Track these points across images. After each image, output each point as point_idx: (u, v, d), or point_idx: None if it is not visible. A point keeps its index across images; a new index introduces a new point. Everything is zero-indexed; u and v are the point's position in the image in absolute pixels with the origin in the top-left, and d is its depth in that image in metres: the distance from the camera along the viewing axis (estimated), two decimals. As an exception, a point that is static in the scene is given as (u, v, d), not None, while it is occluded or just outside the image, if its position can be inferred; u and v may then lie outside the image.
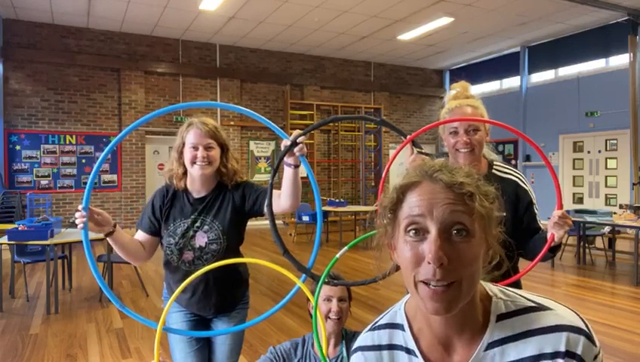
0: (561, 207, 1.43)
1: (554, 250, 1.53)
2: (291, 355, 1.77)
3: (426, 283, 0.69)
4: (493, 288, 0.79)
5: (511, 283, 1.63)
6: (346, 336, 1.80)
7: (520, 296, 0.77)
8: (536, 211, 1.74)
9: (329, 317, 1.74)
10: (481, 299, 0.76)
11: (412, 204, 0.72)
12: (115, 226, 1.68)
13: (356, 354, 0.85)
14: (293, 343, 1.82)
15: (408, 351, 0.80)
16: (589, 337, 0.70)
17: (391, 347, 0.82)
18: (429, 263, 0.68)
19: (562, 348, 0.70)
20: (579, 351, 0.69)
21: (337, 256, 1.38)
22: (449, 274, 0.68)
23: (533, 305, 0.74)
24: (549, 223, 1.47)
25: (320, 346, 1.47)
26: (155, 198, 1.90)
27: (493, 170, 1.75)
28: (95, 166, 1.51)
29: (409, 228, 0.71)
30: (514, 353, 0.72)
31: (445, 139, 1.71)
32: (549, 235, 1.48)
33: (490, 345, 0.73)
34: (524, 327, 0.72)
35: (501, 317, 0.74)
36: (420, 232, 0.70)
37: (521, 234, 1.67)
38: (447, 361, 0.77)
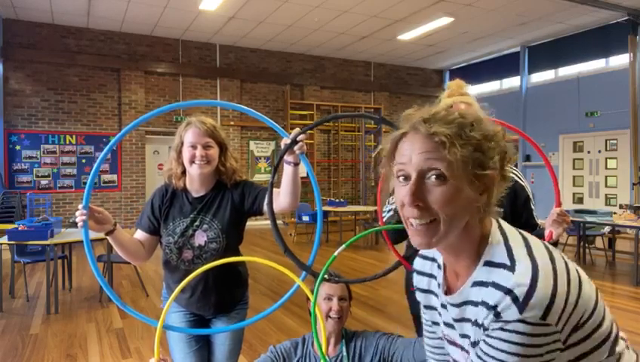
0: (559, 204, 1.44)
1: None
2: (291, 354, 1.77)
3: (410, 223, 0.80)
4: (496, 234, 0.85)
5: None
6: (346, 336, 1.80)
7: (515, 247, 0.82)
8: (532, 207, 1.76)
9: (329, 316, 1.74)
10: (482, 237, 0.84)
11: (400, 152, 0.83)
12: (115, 225, 1.68)
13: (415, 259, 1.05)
14: (293, 342, 1.81)
15: (438, 266, 0.98)
16: (515, 300, 0.75)
17: (434, 259, 1.00)
18: (408, 205, 0.79)
19: (492, 302, 0.78)
20: (499, 308, 0.76)
21: (336, 253, 1.39)
22: (425, 213, 0.78)
23: (507, 263, 0.79)
24: (548, 221, 1.48)
25: (319, 343, 1.47)
26: (155, 198, 1.90)
27: None
28: (95, 165, 1.51)
29: (398, 174, 0.82)
30: (479, 294, 0.81)
31: None
32: (547, 233, 1.49)
33: (475, 284, 0.83)
34: (489, 278, 0.80)
35: (487, 263, 0.82)
36: (407, 178, 0.80)
37: (518, 226, 1.68)
38: (455, 283, 0.90)
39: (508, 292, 0.75)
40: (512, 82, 11.85)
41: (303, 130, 1.52)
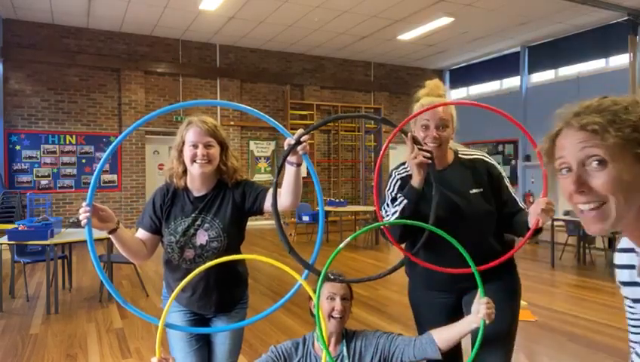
0: (546, 195, 1.55)
1: (538, 232, 1.65)
2: (292, 354, 1.77)
3: (581, 210, 0.87)
4: None
5: (504, 263, 1.68)
6: (346, 336, 1.80)
7: None
8: (507, 183, 1.87)
9: (332, 316, 1.73)
10: None
11: (559, 148, 0.90)
12: (118, 223, 1.68)
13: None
14: (294, 342, 1.81)
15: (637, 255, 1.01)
16: None
17: (632, 249, 1.03)
18: (573, 193, 0.86)
19: None
20: None
21: (340, 247, 1.40)
22: (591, 196, 0.84)
23: None
24: (535, 208, 1.56)
25: (323, 340, 1.46)
26: (156, 197, 1.90)
27: (460, 157, 1.88)
28: (99, 164, 1.52)
29: (561, 167, 0.89)
30: None
31: (416, 133, 1.79)
32: (533, 219, 1.58)
33: None
34: None
35: None
36: (569, 169, 0.87)
37: (501, 207, 1.82)
38: None
39: None
40: (512, 82, 11.84)
41: (306, 131, 1.53)
